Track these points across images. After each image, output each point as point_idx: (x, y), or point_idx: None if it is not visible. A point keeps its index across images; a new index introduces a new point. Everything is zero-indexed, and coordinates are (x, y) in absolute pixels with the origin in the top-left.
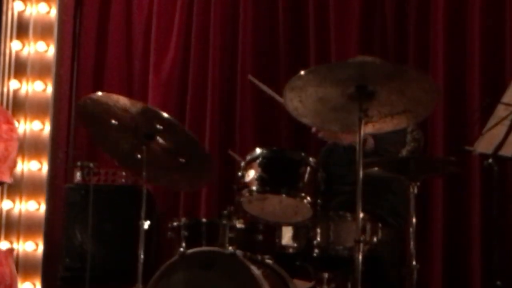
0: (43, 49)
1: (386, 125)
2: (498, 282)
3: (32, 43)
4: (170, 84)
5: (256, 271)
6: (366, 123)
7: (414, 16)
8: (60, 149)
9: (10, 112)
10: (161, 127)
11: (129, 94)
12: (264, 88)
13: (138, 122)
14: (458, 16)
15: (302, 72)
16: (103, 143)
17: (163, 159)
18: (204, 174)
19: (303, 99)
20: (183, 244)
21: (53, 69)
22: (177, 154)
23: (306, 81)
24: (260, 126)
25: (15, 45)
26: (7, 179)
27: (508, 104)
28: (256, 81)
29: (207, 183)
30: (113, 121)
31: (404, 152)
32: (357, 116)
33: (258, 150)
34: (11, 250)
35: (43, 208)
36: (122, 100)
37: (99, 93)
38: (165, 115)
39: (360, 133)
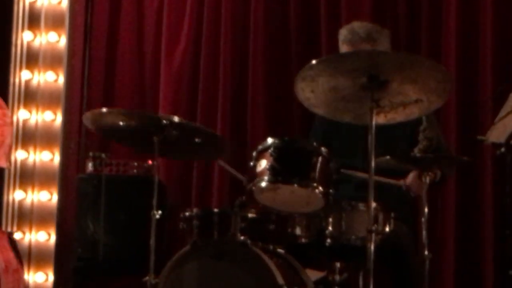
0: (55, 39)
1: (398, 116)
2: (511, 272)
3: (43, 34)
4: (181, 75)
5: (268, 260)
6: (378, 113)
7: (426, 5)
8: (72, 140)
9: (22, 102)
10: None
11: (140, 87)
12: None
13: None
14: (470, 5)
15: (314, 62)
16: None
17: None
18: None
19: (314, 89)
20: (195, 234)
21: (65, 60)
22: (192, 137)
23: (317, 71)
24: (272, 116)
25: (26, 36)
26: (4, 164)
27: None
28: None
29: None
30: (121, 123)
31: (416, 151)
32: (369, 106)
33: (269, 140)
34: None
35: (55, 198)
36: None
37: (104, 109)
38: (176, 119)
39: (372, 123)
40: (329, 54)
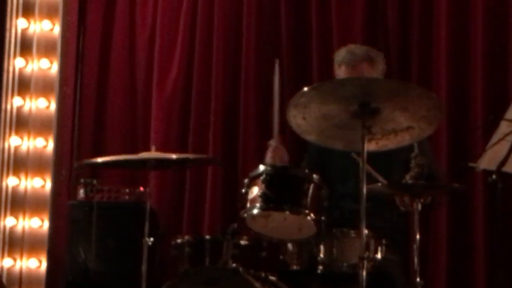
0: (47, 66)
1: (390, 142)
2: None
3: (35, 60)
4: (173, 102)
5: None
6: (369, 140)
7: (416, 34)
8: (64, 166)
9: (14, 128)
10: None
11: (132, 111)
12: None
13: None
14: (461, 33)
15: (305, 89)
16: None
17: None
18: None
19: (306, 116)
20: (187, 261)
21: (57, 86)
22: None
23: (309, 97)
24: (263, 143)
25: (18, 62)
26: None
27: (511, 121)
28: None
29: None
30: None
31: (407, 178)
32: (360, 133)
33: (261, 167)
34: None
35: (46, 225)
36: None
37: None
38: None
39: (363, 150)
40: (320, 80)
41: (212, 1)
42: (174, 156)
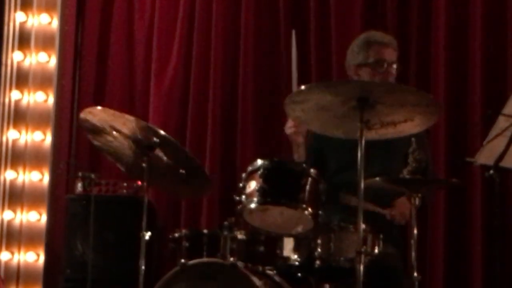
0: (45, 59)
1: (390, 132)
2: None
3: (33, 54)
4: (171, 94)
5: (257, 282)
6: (369, 129)
7: (415, 29)
8: (62, 160)
9: (12, 122)
10: (157, 141)
11: (130, 104)
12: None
13: (136, 136)
14: (459, 29)
15: (303, 87)
16: (107, 151)
17: (165, 169)
18: (204, 186)
19: (305, 108)
20: (184, 255)
21: (55, 80)
22: (177, 166)
23: (307, 94)
24: (261, 137)
25: (16, 56)
26: None
27: (509, 116)
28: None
29: (206, 194)
30: (114, 133)
31: (405, 173)
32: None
33: (259, 161)
34: None
35: (44, 218)
36: (119, 117)
37: (99, 108)
38: (162, 132)
39: (361, 141)
40: (319, 75)
41: None
42: None
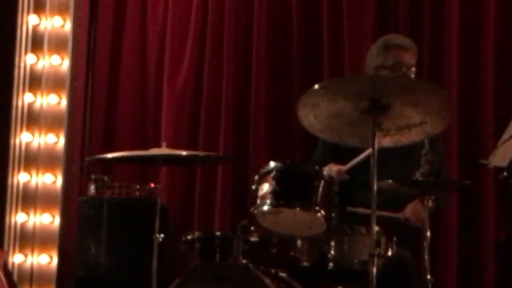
0: (58, 62)
1: (404, 138)
2: None
3: (46, 57)
4: (184, 98)
5: (270, 284)
6: (384, 136)
7: (427, 31)
8: (75, 162)
9: (25, 125)
10: None
11: (143, 107)
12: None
13: None
14: (472, 30)
15: (316, 86)
16: None
17: None
18: None
19: (317, 114)
20: (197, 258)
21: (68, 83)
22: None
23: (318, 96)
24: (274, 139)
25: (29, 59)
26: None
27: None
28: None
29: None
30: None
31: (418, 175)
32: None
33: (272, 164)
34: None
35: (57, 221)
36: None
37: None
38: None
39: (374, 146)
40: (332, 76)
41: None
42: (184, 152)
